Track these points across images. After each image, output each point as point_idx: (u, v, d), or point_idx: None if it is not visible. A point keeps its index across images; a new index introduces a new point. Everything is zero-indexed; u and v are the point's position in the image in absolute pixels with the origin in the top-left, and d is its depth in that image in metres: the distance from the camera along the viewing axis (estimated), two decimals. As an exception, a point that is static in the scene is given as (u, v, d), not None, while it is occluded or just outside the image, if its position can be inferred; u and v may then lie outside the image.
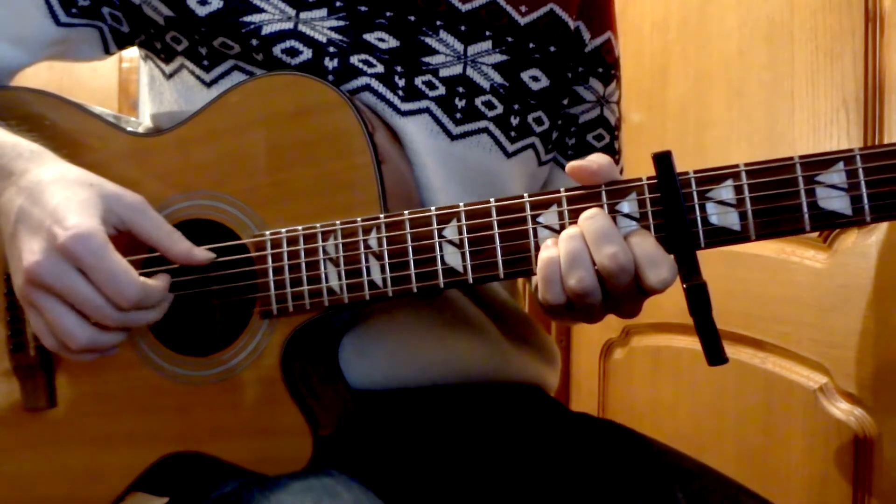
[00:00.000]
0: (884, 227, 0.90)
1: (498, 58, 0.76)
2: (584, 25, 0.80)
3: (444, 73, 0.74)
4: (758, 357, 1.08)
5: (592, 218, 0.55)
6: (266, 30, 0.70)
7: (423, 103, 0.73)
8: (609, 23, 0.83)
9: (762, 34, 1.07)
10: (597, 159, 0.57)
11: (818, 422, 0.96)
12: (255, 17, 0.70)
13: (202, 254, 0.64)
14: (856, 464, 0.92)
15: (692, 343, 1.24)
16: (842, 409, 0.94)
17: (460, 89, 0.74)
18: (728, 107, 1.14)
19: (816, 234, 0.97)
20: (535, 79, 0.77)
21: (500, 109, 0.76)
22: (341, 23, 0.72)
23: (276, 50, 0.70)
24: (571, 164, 0.57)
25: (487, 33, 0.75)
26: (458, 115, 0.74)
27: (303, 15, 0.71)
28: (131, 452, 0.67)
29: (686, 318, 0.55)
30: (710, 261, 1.11)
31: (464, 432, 0.75)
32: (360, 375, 0.71)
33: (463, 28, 0.74)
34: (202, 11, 0.70)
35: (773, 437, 1.04)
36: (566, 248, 0.55)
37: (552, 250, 0.56)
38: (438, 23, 0.74)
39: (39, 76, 0.84)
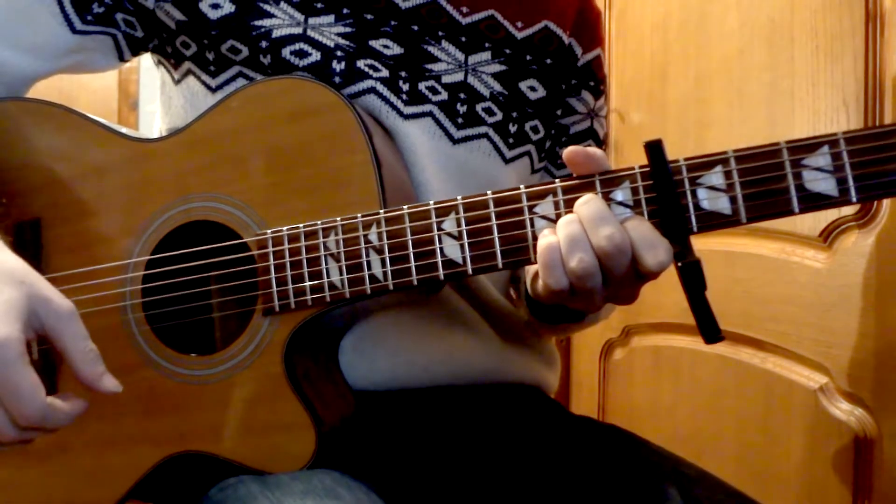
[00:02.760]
0: (883, 226, 0.90)
1: (497, 68, 0.78)
2: (576, 41, 0.83)
3: (446, 79, 0.75)
4: (758, 357, 1.08)
5: (588, 202, 0.56)
6: (276, 33, 0.71)
7: (427, 107, 0.74)
8: (599, 40, 0.86)
9: (762, 34, 1.07)
10: (593, 148, 0.59)
11: (818, 422, 0.96)
12: (266, 22, 0.71)
13: (110, 383, 0.58)
14: (856, 464, 0.92)
15: (692, 343, 1.24)
16: (842, 409, 0.94)
17: (462, 95, 0.75)
18: (728, 107, 1.14)
19: (817, 234, 0.97)
20: (532, 89, 0.79)
21: (499, 116, 0.77)
22: (348, 29, 0.73)
23: (286, 52, 0.71)
24: (569, 149, 0.58)
25: (487, 45, 0.77)
26: (460, 120, 0.75)
27: (311, 21, 0.72)
28: (134, 454, 0.67)
29: (686, 317, 0.55)
30: (711, 261, 1.11)
31: (464, 433, 0.75)
32: (360, 376, 0.71)
33: (463, 39, 0.76)
34: (214, 15, 0.72)
35: (773, 436, 1.04)
36: (565, 232, 0.56)
37: (551, 237, 0.57)
38: (440, 33, 0.76)
39: (39, 77, 0.84)
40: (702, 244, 0.59)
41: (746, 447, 1.10)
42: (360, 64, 0.72)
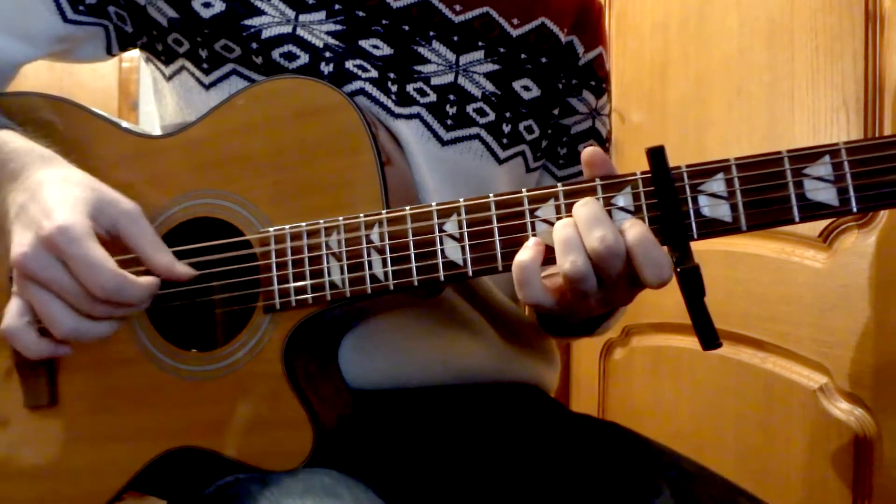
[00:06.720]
0: (883, 227, 0.90)
1: (489, 67, 0.76)
2: (578, 40, 0.82)
3: (435, 81, 0.75)
4: (758, 357, 1.08)
5: (584, 205, 0.56)
6: (265, 34, 0.71)
7: (415, 109, 0.73)
8: (600, 38, 0.85)
9: (762, 34, 1.07)
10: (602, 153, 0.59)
11: (818, 422, 0.96)
12: (256, 21, 0.71)
13: (183, 269, 0.64)
14: (856, 464, 0.92)
15: (692, 343, 1.24)
16: (842, 409, 0.94)
17: (451, 97, 0.75)
18: (728, 107, 1.14)
19: (816, 234, 0.97)
20: (526, 88, 0.78)
21: (491, 117, 0.76)
22: (339, 27, 0.72)
23: (275, 54, 0.71)
24: (589, 150, 0.58)
25: (480, 44, 0.76)
26: (449, 122, 0.75)
27: (302, 17, 0.72)
28: (131, 448, 0.67)
29: (686, 317, 0.55)
30: (711, 261, 1.11)
31: (463, 432, 0.75)
32: (359, 375, 0.71)
33: (455, 38, 0.76)
34: (206, 14, 0.72)
35: (773, 437, 1.05)
36: (560, 235, 0.56)
37: (524, 254, 0.57)
38: (431, 33, 0.75)
39: (40, 77, 0.84)
40: (702, 244, 0.58)
41: (746, 447, 1.10)
42: (349, 65, 0.72)
